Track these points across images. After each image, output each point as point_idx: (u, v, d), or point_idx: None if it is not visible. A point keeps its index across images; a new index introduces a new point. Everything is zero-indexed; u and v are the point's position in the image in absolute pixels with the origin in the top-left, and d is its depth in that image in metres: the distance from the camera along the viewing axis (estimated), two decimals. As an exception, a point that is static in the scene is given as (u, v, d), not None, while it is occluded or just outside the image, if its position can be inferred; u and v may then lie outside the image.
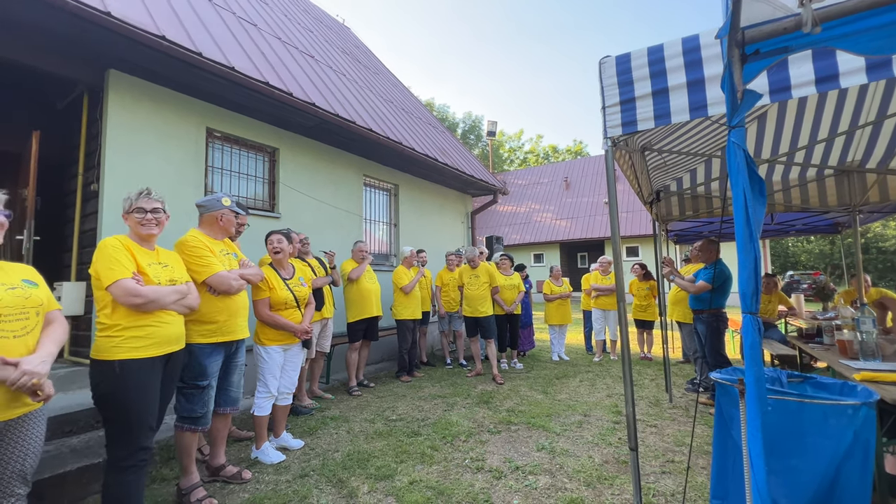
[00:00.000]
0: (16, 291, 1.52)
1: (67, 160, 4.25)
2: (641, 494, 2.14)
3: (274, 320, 3.01)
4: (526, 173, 27.28)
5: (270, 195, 5.12)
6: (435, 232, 7.78)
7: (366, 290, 4.86)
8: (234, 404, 2.69)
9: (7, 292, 1.49)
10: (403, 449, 3.16)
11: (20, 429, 1.53)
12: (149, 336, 1.94)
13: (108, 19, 3.15)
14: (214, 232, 2.65)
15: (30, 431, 1.56)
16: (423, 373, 5.62)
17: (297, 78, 5.11)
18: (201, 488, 2.44)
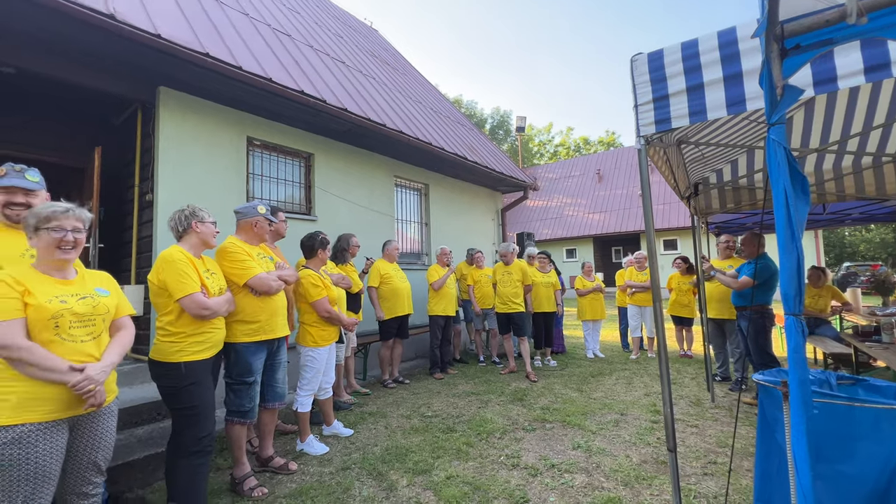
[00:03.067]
0: (86, 300, 1.69)
1: (124, 173, 4.59)
2: (681, 496, 2.11)
3: (337, 316, 3.23)
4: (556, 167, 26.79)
5: (307, 199, 5.32)
6: (465, 230, 7.82)
7: (397, 288, 4.98)
8: (280, 399, 2.85)
9: (78, 302, 1.66)
10: (439, 445, 3.24)
11: (91, 423, 1.70)
12: (206, 341, 2.12)
13: (158, 41, 3.38)
14: (250, 238, 2.80)
15: (100, 425, 1.73)
16: (456, 370, 5.69)
17: (330, 85, 5.27)
18: (253, 477, 2.62)
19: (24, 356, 1.48)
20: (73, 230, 1.65)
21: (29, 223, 1.59)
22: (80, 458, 1.67)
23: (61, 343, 1.58)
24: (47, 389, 1.54)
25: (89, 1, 3.06)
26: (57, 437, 1.57)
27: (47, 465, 1.53)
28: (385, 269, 4.95)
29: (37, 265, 1.64)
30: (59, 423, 1.58)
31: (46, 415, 1.54)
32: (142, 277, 4.10)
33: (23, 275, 1.56)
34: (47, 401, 1.54)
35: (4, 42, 3.19)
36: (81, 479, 1.69)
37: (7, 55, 3.27)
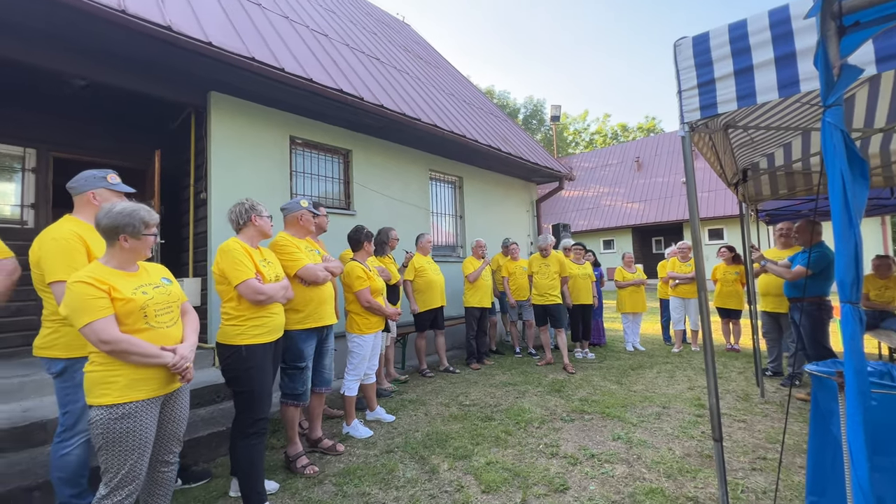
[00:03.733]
0: (160, 289, 1.87)
1: (180, 173, 4.93)
2: (728, 489, 2.07)
3: (378, 306, 3.36)
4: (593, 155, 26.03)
5: (346, 194, 5.50)
6: (500, 222, 7.80)
7: (431, 281, 5.07)
8: (328, 385, 3.02)
9: (155, 290, 1.84)
10: (478, 432, 3.31)
11: (175, 400, 1.90)
12: (265, 325, 2.28)
13: (209, 48, 3.59)
14: (297, 231, 2.96)
15: (181, 402, 1.93)
16: (492, 361, 5.75)
17: (366, 82, 5.39)
18: (305, 456, 2.80)
19: (125, 347, 1.67)
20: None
21: (133, 225, 1.76)
22: (166, 430, 1.87)
23: (151, 330, 1.76)
24: (147, 371, 1.74)
25: (150, 15, 3.30)
26: (155, 412, 1.78)
27: (148, 435, 1.74)
28: (419, 262, 5.05)
29: (106, 262, 1.80)
30: (156, 400, 1.78)
31: (148, 393, 1.74)
32: (198, 271, 4.40)
33: (99, 272, 1.73)
34: (148, 381, 1.74)
35: (77, 57, 3.50)
36: (166, 448, 1.90)
37: (79, 69, 3.58)
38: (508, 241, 6.38)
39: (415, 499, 2.40)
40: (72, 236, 2.10)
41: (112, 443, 1.68)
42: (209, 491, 2.54)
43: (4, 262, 2.23)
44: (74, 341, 2.05)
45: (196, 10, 3.96)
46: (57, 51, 3.40)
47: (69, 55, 3.47)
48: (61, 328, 2.08)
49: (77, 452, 2.13)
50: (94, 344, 1.66)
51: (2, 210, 4.38)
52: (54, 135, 4.53)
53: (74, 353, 2.06)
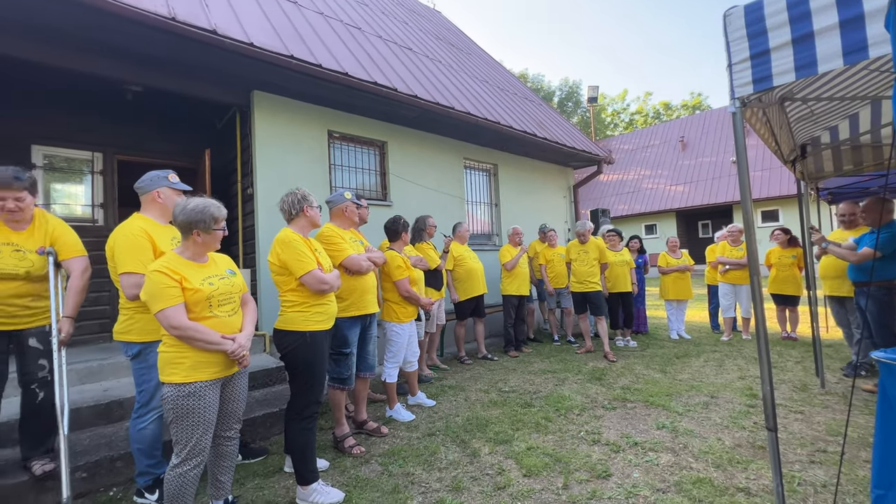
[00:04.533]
0: (225, 280, 2.02)
1: (228, 169, 5.20)
2: (783, 481, 1.99)
3: (416, 295, 3.44)
4: (633, 137, 24.92)
5: (382, 185, 5.61)
6: (536, 209, 7.69)
7: (471, 269, 5.10)
8: (371, 370, 3.14)
9: (220, 281, 1.99)
10: (518, 418, 3.34)
11: (235, 382, 2.06)
12: (325, 312, 2.42)
13: (251, 49, 3.75)
14: (342, 223, 3.07)
15: (240, 384, 2.09)
16: (530, 349, 5.73)
17: (400, 73, 5.43)
18: (351, 437, 2.94)
19: (192, 334, 1.83)
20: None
21: (204, 221, 1.91)
22: (226, 408, 2.03)
23: (214, 318, 1.91)
24: (210, 356, 1.89)
25: (197, 20, 3.48)
26: (216, 392, 1.93)
27: (211, 413, 1.90)
28: (458, 251, 5.09)
29: (181, 252, 1.97)
30: (217, 382, 1.94)
31: (210, 375, 1.90)
32: (248, 262, 4.66)
33: (174, 263, 1.89)
34: (211, 364, 1.90)
35: (133, 66, 3.75)
36: (227, 425, 2.06)
37: (135, 76, 3.84)
38: (545, 227, 6.29)
39: (457, 480, 2.47)
40: (140, 232, 2.29)
41: (180, 417, 1.85)
42: (266, 466, 2.73)
43: (79, 261, 2.48)
44: (147, 326, 2.25)
45: (238, 13, 4.13)
46: (116, 60, 3.66)
47: (127, 64, 3.72)
48: (135, 315, 2.28)
49: (152, 427, 2.35)
50: (165, 328, 1.83)
51: (75, 210, 4.81)
52: (117, 139, 4.90)
53: (147, 337, 2.26)
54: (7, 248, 2.25)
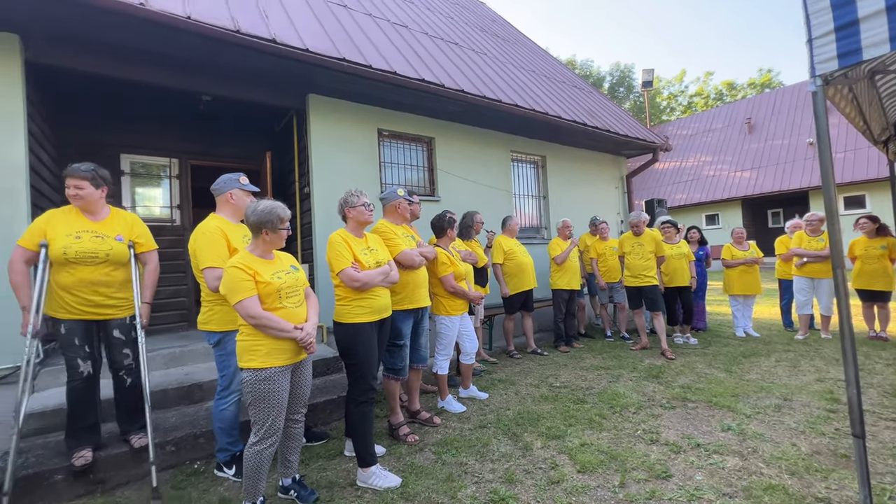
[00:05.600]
0: (290, 275, 2.17)
1: (286, 170, 5.51)
2: (871, 493, 1.82)
3: (462, 290, 3.48)
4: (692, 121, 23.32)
5: (430, 181, 5.69)
6: (586, 201, 7.45)
7: (522, 263, 5.05)
8: (424, 362, 3.23)
9: (287, 276, 2.14)
10: (571, 414, 3.30)
11: (302, 368, 2.21)
12: (367, 306, 2.52)
13: (306, 54, 3.93)
14: (395, 218, 3.16)
15: (306, 370, 2.24)
16: (581, 344, 5.60)
17: (446, 68, 5.46)
18: (406, 426, 3.05)
19: (265, 322, 1.99)
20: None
21: (272, 221, 2.07)
22: (295, 393, 2.19)
23: (282, 309, 2.07)
24: (282, 343, 2.05)
25: (258, 31, 3.71)
26: (287, 377, 2.10)
27: (283, 396, 2.07)
28: (508, 245, 5.06)
29: (252, 250, 2.14)
30: (288, 368, 2.10)
31: (282, 361, 2.06)
32: (306, 258, 4.93)
33: (247, 259, 2.07)
34: (282, 351, 2.06)
35: (203, 77, 4.07)
36: (295, 409, 2.23)
37: (205, 87, 4.17)
38: (596, 219, 6.09)
39: (509, 472, 2.50)
40: (216, 230, 2.51)
41: (258, 400, 2.02)
42: (328, 449, 2.91)
43: (155, 254, 2.76)
44: (226, 317, 2.47)
45: (293, 20, 4.35)
46: (189, 74, 3.99)
47: (198, 76, 4.05)
48: (215, 307, 2.50)
49: (232, 409, 2.58)
50: (243, 318, 2.00)
51: (154, 211, 5.32)
52: (191, 146, 5.34)
53: (226, 327, 2.48)
54: (87, 234, 2.49)
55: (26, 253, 2.40)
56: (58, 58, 3.43)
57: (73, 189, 2.46)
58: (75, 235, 2.44)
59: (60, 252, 2.40)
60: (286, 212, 2.15)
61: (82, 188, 2.47)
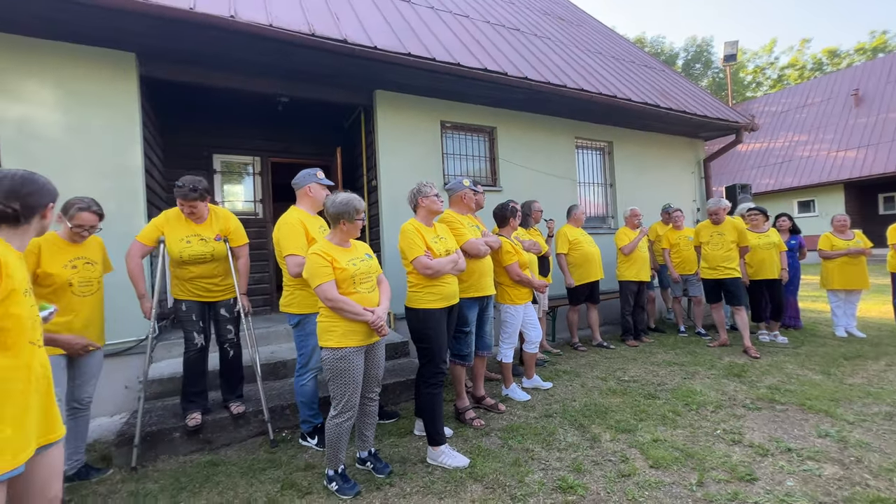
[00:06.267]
0: (364, 262, 2.32)
1: (354, 164, 5.79)
2: None
3: (527, 279, 3.49)
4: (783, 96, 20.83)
5: (492, 171, 5.68)
6: (657, 188, 6.99)
7: (588, 253, 4.91)
8: (488, 349, 3.28)
9: (361, 263, 2.29)
10: (641, 409, 3.18)
11: (375, 350, 2.36)
12: (438, 293, 2.62)
13: (374, 52, 4.08)
14: (461, 209, 3.23)
15: (379, 352, 2.39)
16: (652, 339, 5.34)
17: (509, 56, 5.39)
18: (471, 410, 3.14)
19: (342, 306, 2.16)
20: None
21: (349, 212, 2.23)
22: (369, 373, 2.35)
23: (356, 294, 2.23)
24: (356, 325, 2.21)
25: (331, 33, 3.92)
26: (361, 357, 2.26)
27: (359, 374, 2.23)
28: (573, 235, 4.94)
29: (331, 239, 2.31)
30: (362, 349, 2.26)
31: (357, 342, 2.22)
32: (373, 248, 5.11)
33: (326, 247, 2.24)
34: (357, 333, 2.22)
35: (280, 80, 4.39)
36: (369, 387, 2.39)
37: (282, 89, 4.49)
38: (669, 207, 5.73)
39: (577, 462, 2.48)
40: (296, 222, 2.74)
41: (336, 377, 2.19)
42: (398, 427, 3.08)
43: (246, 247, 3.06)
44: (305, 300, 2.70)
45: (362, 20, 4.53)
46: (269, 78, 4.33)
47: (274, 79, 4.38)
48: (295, 291, 2.74)
49: (310, 384, 2.82)
50: (322, 301, 2.18)
51: (238, 205, 5.85)
52: (270, 144, 5.80)
53: (306, 309, 2.71)
54: (195, 238, 2.83)
55: (144, 248, 2.79)
56: (166, 71, 3.89)
57: (188, 209, 2.80)
58: (186, 240, 2.79)
59: (177, 254, 2.77)
60: (361, 203, 2.29)
61: (196, 207, 2.82)
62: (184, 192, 2.74)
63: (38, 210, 1.35)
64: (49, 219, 1.40)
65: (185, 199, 2.75)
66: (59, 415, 1.34)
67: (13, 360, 1.21)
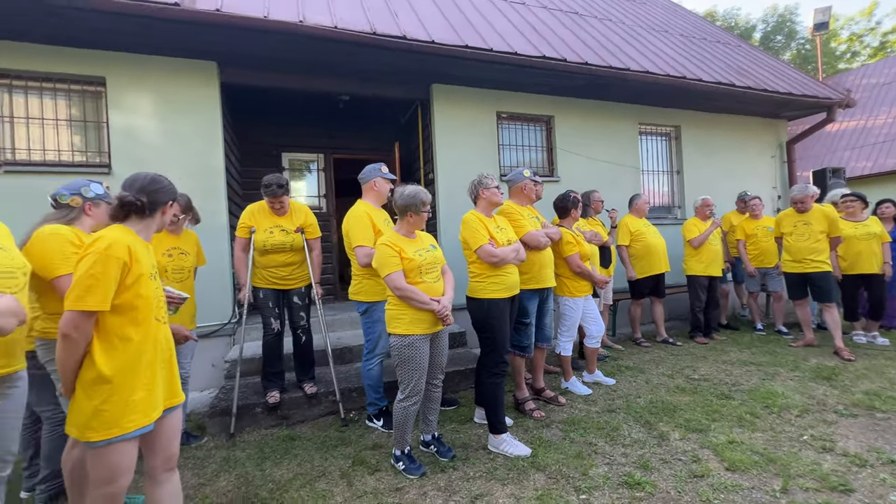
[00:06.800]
0: (430, 253, 2.39)
1: (411, 158, 5.92)
2: None
3: (588, 272, 3.42)
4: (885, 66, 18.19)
5: (549, 161, 5.56)
6: (730, 174, 6.46)
7: (651, 245, 4.68)
8: (548, 341, 3.26)
9: (427, 253, 2.36)
10: (714, 409, 3.01)
11: (440, 338, 2.44)
12: (502, 283, 2.64)
13: (432, 46, 4.14)
14: (521, 200, 3.20)
15: (443, 340, 2.47)
16: (724, 336, 4.99)
17: (568, 41, 5.22)
18: (531, 401, 3.14)
19: (409, 294, 2.25)
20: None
21: (416, 205, 2.32)
22: (433, 360, 2.44)
23: (423, 284, 2.31)
24: (422, 314, 2.30)
25: (391, 30, 4.03)
26: (427, 345, 2.35)
27: (424, 361, 2.33)
28: (635, 226, 4.73)
29: (398, 230, 2.41)
30: (427, 336, 2.34)
31: (423, 330, 2.31)
32: (430, 240, 5.27)
33: (394, 238, 2.34)
34: (423, 321, 2.31)
35: (341, 79, 4.58)
36: (433, 374, 2.48)
37: (343, 87, 4.70)
38: (746, 195, 5.30)
39: (644, 459, 2.41)
40: (363, 214, 2.87)
41: (403, 362, 2.29)
42: (458, 414, 3.15)
43: (319, 240, 3.26)
44: (372, 289, 2.83)
45: (419, 15, 4.60)
46: (332, 77, 4.54)
47: (336, 78, 4.58)
48: (363, 280, 2.89)
49: (377, 369, 2.97)
50: (390, 289, 2.29)
51: (303, 201, 6.21)
52: (332, 141, 6.09)
53: (373, 297, 2.85)
54: (277, 229, 3.08)
55: (242, 241, 3.08)
56: (241, 77, 4.21)
57: (277, 203, 3.05)
58: (269, 231, 3.05)
59: (261, 243, 3.04)
60: (428, 196, 2.37)
61: (283, 202, 3.07)
62: (272, 191, 2.99)
63: (160, 206, 1.57)
64: (168, 215, 1.62)
65: (274, 197, 3.01)
66: (179, 382, 1.55)
67: (143, 334, 1.42)
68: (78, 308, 1.33)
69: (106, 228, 1.47)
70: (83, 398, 1.37)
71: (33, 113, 3.68)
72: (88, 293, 1.33)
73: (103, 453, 1.38)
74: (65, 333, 1.33)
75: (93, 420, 1.36)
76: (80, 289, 1.33)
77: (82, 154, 3.82)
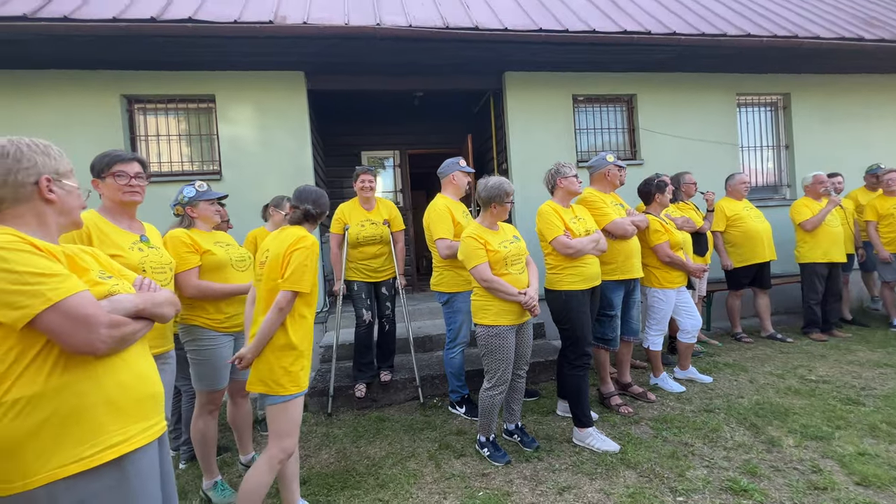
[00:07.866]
0: (514, 244, 2.39)
1: (483, 149, 5.91)
2: None
3: (680, 261, 3.20)
4: None
5: (630, 143, 5.21)
6: (854, 145, 5.52)
7: (751, 230, 4.19)
8: (634, 334, 3.10)
9: (511, 245, 2.37)
10: (837, 415, 2.66)
11: (525, 329, 2.45)
12: (579, 274, 2.57)
13: (505, 34, 4.06)
14: (604, 186, 3.06)
15: (528, 331, 2.47)
16: (848, 332, 4.34)
17: (650, 11, 4.82)
18: (617, 396, 3.02)
19: (496, 286, 2.28)
20: None
21: (500, 196, 2.34)
22: (519, 350, 2.45)
23: (508, 275, 2.32)
24: (509, 305, 2.32)
25: (463, 22, 4.04)
26: (513, 336, 2.37)
27: (511, 351, 2.35)
28: (732, 210, 4.27)
29: (482, 222, 2.44)
30: (513, 328, 2.36)
31: (509, 321, 2.33)
32: (504, 230, 5.25)
33: (479, 231, 2.37)
34: (509, 312, 2.33)
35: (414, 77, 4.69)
36: (518, 365, 2.49)
37: (417, 85, 4.82)
38: (878, 168, 4.52)
39: (751, 464, 2.21)
40: (444, 208, 2.95)
41: (490, 352, 2.34)
42: (539, 406, 3.14)
43: (403, 233, 3.40)
44: (454, 280, 2.91)
45: (490, 3, 4.54)
46: (403, 76, 4.66)
47: (410, 77, 4.70)
48: (444, 272, 2.97)
49: (458, 357, 3.06)
50: (477, 281, 2.33)
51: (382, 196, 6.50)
52: (407, 138, 6.29)
53: (454, 288, 2.93)
54: (367, 222, 3.27)
55: (337, 238, 3.33)
56: (325, 83, 4.51)
57: (368, 182, 3.26)
58: (361, 224, 3.26)
59: (354, 237, 3.26)
60: (511, 187, 2.36)
61: (373, 181, 3.30)
62: (364, 168, 3.28)
63: (325, 214, 1.94)
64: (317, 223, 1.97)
65: (365, 173, 3.26)
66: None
67: (313, 314, 1.87)
68: (294, 289, 1.73)
69: (295, 228, 1.85)
70: (273, 360, 1.74)
71: (162, 130, 4.29)
72: (303, 278, 1.73)
73: (287, 407, 1.76)
74: (282, 307, 1.71)
75: (283, 377, 1.73)
76: (297, 274, 1.72)
77: (199, 164, 4.38)
